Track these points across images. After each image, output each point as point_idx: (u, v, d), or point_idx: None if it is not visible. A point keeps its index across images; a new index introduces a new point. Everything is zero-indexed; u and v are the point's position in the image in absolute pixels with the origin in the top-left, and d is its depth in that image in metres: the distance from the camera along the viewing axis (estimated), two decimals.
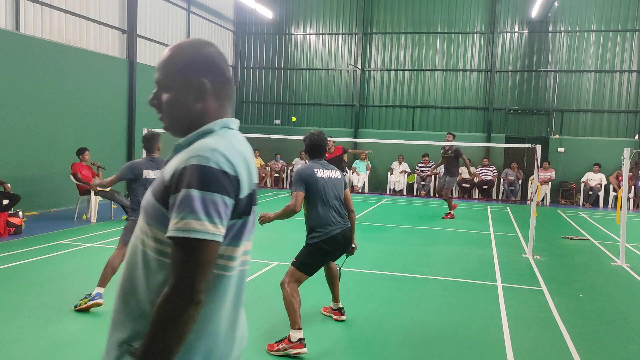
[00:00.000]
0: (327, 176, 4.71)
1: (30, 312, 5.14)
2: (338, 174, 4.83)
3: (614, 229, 10.91)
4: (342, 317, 5.19)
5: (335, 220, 4.61)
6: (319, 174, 4.65)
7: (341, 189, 4.79)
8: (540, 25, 17.75)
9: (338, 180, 4.77)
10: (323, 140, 4.81)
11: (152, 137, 5.67)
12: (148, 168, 5.48)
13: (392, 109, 19.14)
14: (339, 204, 4.71)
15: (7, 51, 10.43)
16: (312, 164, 4.74)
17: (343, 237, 4.65)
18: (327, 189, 4.63)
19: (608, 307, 6.07)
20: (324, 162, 4.81)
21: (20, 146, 10.81)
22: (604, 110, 17.41)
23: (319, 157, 4.81)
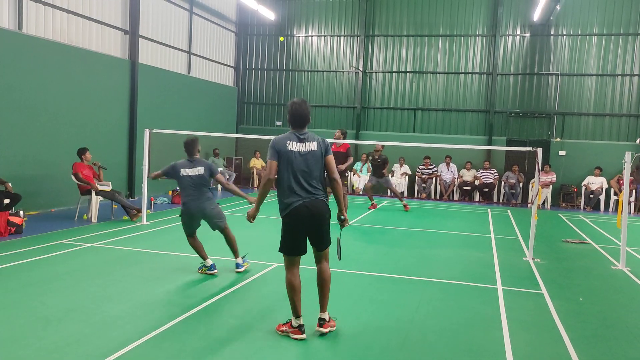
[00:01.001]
0: (299, 149, 4.58)
1: (31, 311, 5.15)
2: (314, 145, 4.63)
3: (615, 232, 10.89)
4: (323, 329, 4.74)
5: (298, 193, 4.51)
6: (290, 146, 4.57)
7: (315, 161, 4.59)
8: (542, 28, 17.76)
9: (312, 154, 4.60)
10: (305, 109, 4.69)
11: (192, 142, 6.92)
12: (186, 167, 6.71)
13: (394, 111, 19.15)
14: (309, 178, 4.55)
15: (10, 51, 10.46)
16: (289, 134, 4.68)
17: (307, 209, 4.50)
18: (294, 162, 4.52)
19: (608, 311, 6.06)
20: (303, 133, 4.67)
21: (21, 146, 10.82)
22: (605, 113, 17.41)
23: (299, 127, 4.68)
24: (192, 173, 6.65)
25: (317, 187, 4.60)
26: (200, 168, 6.69)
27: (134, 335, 4.62)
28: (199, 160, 6.81)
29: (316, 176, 4.61)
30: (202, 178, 6.66)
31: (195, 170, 6.67)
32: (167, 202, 13.55)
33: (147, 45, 14.99)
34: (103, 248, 8.12)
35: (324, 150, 4.68)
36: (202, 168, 6.70)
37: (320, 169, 4.65)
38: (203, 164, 6.76)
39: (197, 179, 6.64)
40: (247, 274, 6.88)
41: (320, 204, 4.58)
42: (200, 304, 5.54)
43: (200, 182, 6.65)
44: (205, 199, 6.67)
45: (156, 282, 6.38)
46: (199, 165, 6.72)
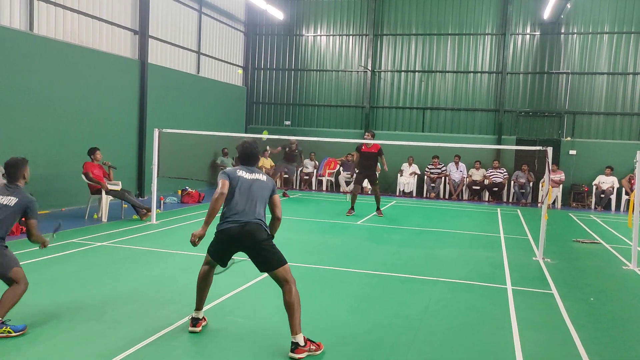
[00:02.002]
0: (249, 177, 4.77)
1: (42, 310, 5.19)
2: (264, 177, 4.85)
3: (626, 232, 10.80)
4: (294, 355, 4.30)
5: (236, 215, 4.59)
6: (240, 173, 4.77)
7: (262, 192, 4.74)
8: (553, 26, 17.63)
9: (259, 183, 4.77)
10: (255, 149, 4.95)
11: (16, 164, 5.04)
12: None
13: (402, 111, 19.10)
14: (253, 205, 4.65)
15: (21, 51, 10.55)
16: (239, 166, 4.89)
17: (241, 231, 4.57)
18: (242, 188, 4.68)
19: (619, 311, 6.01)
20: (251, 168, 4.90)
21: (32, 145, 10.91)
22: (616, 112, 17.26)
23: (248, 164, 4.91)
24: None
25: (258, 214, 4.68)
26: (13, 198, 4.81)
27: (144, 333, 4.64)
28: (19, 189, 4.92)
29: (260, 205, 4.71)
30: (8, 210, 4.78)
31: (6, 199, 4.81)
32: (177, 202, 13.60)
33: (157, 46, 15.06)
34: (113, 247, 8.17)
35: (272, 188, 4.85)
36: (14, 199, 4.81)
37: (264, 198, 4.76)
38: (19, 195, 4.85)
39: None
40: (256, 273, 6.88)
41: (254, 226, 4.59)
42: (209, 302, 5.55)
43: None
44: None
45: (165, 281, 6.41)
46: (13, 195, 4.85)
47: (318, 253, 8.25)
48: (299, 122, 20.09)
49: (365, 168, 12.45)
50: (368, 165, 12.43)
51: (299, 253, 8.09)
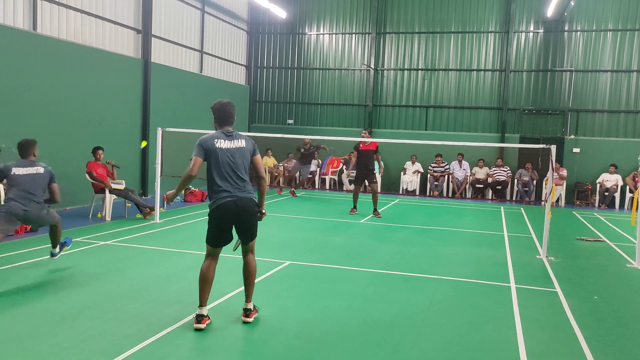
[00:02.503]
0: (228, 147, 4.82)
1: (46, 308, 5.21)
2: (242, 143, 4.90)
3: (630, 230, 10.78)
4: (248, 319, 4.97)
5: (226, 189, 4.71)
6: (218, 144, 4.80)
7: (242, 158, 4.83)
8: (556, 24, 17.58)
9: (240, 150, 4.84)
10: (229, 108, 5.01)
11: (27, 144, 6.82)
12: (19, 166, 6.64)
13: (405, 109, 19.08)
14: (237, 174, 4.77)
15: (24, 51, 10.57)
16: (217, 133, 4.92)
17: (236, 205, 4.71)
18: (223, 159, 4.74)
19: (623, 309, 6.00)
20: (229, 132, 4.92)
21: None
22: (620, 110, 17.20)
23: (225, 125, 4.96)
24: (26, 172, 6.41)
25: (243, 182, 4.81)
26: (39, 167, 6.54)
27: (148, 332, 4.66)
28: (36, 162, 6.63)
29: (242, 172, 4.83)
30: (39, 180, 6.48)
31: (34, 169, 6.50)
32: (180, 201, 13.62)
33: (160, 45, 15.07)
34: (117, 246, 8.19)
35: (252, 150, 4.95)
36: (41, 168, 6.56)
37: (246, 165, 4.88)
38: (41, 165, 6.62)
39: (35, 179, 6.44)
40: (260, 271, 6.89)
41: (247, 200, 4.78)
42: (213, 301, 5.56)
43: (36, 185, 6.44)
44: None
45: (169, 279, 6.43)
46: (37, 165, 6.59)
47: (321, 251, 8.24)
48: (302, 121, 20.09)
49: (364, 166, 12.40)
50: (366, 163, 12.38)
51: (302, 251, 8.10)
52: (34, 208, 6.27)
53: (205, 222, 4.86)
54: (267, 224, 10.37)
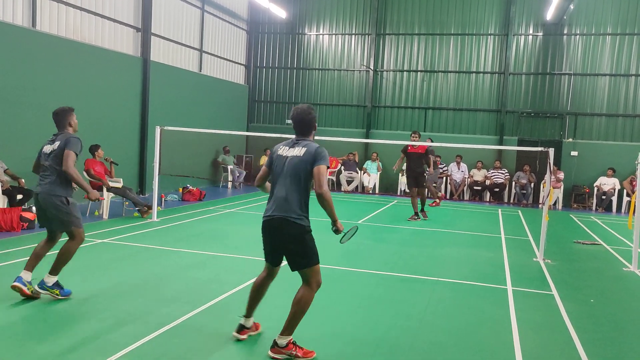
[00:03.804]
0: (286, 154, 4.27)
1: (42, 307, 5.19)
2: (303, 150, 4.21)
3: (627, 234, 10.80)
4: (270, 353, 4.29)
5: (270, 205, 4.26)
6: (280, 150, 4.34)
7: (296, 170, 4.17)
8: (555, 27, 17.61)
9: (295, 159, 4.19)
10: (307, 114, 4.38)
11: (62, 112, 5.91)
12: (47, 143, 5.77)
13: (404, 110, 19.09)
14: (282, 191, 4.17)
15: (24, 48, 10.55)
16: (286, 141, 4.44)
17: (272, 226, 4.21)
18: (278, 167, 4.27)
19: (620, 312, 6.01)
20: (299, 140, 4.33)
21: (34, 142, 10.88)
22: (618, 114, 17.24)
23: (299, 134, 4.39)
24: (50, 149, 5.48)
25: (291, 200, 4.16)
26: (57, 143, 5.49)
27: (145, 331, 4.65)
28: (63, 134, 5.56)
29: (289, 188, 4.17)
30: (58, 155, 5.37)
31: (51, 146, 5.50)
32: (178, 199, 13.61)
33: (159, 43, 15.06)
34: (114, 244, 8.17)
35: (311, 159, 4.16)
36: (57, 142, 5.46)
37: (300, 178, 4.17)
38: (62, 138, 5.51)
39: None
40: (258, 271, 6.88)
41: (285, 223, 4.14)
42: (210, 300, 5.56)
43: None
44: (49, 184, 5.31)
45: (166, 278, 6.42)
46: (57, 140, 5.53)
47: (318, 252, 8.23)
48: None
49: (413, 170, 12.24)
50: (415, 166, 12.21)
51: None
52: (43, 190, 5.28)
53: (203, 221, 4.84)
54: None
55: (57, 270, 5.18)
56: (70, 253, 5.26)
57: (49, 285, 5.12)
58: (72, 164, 5.20)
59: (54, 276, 5.16)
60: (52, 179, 5.29)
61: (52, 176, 5.30)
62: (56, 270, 5.16)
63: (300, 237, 4.20)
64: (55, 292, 5.15)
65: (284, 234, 4.17)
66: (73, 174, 5.20)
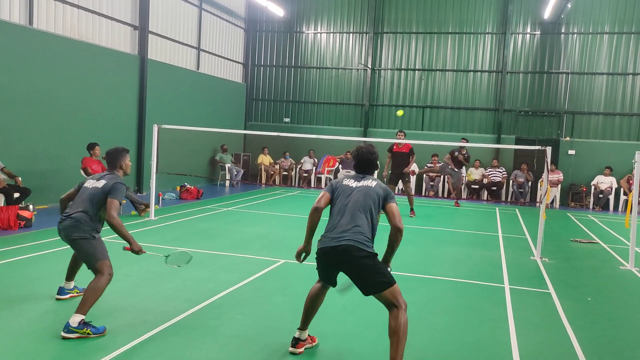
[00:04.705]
0: (353, 185, 4.23)
1: (40, 304, 5.19)
2: (372, 184, 4.22)
3: (624, 232, 10.82)
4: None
5: (331, 233, 4.08)
6: (346, 181, 4.31)
7: (365, 200, 4.14)
8: (553, 26, 17.63)
9: (365, 190, 4.17)
10: (371, 155, 4.38)
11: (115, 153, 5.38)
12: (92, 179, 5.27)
13: (402, 109, 19.08)
14: (350, 218, 4.08)
15: (20, 46, 10.52)
16: (350, 175, 4.40)
17: (333, 250, 4.02)
18: (342, 197, 4.18)
19: (617, 311, 6.03)
20: (363, 176, 4.33)
21: (31, 140, 10.90)
22: (615, 113, 17.27)
23: (362, 172, 4.38)
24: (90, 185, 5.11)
25: (362, 226, 4.09)
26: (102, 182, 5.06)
27: (142, 329, 4.65)
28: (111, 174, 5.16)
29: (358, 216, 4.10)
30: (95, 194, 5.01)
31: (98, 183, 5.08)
32: (175, 198, 13.60)
33: (157, 41, 15.03)
34: (111, 243, 8.13)
35: (383, 193, 4.18)
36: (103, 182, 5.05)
37: (367, 207, 4.13)
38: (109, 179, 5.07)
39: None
40: (255, 270, 6.89)
41: (346, 246, 4.00)
42: (208, 299, 5.56)
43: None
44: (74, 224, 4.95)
45: (164, 277, 6.41)
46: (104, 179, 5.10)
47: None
48: (299, 119, 20.09)
49: (398, 168, 12.43)
50: (400, 165, 12.39)
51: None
52: (67, 223, 4.95)
53: (201, 220, 4.82)
54: (263, 223, 10.36)
55: (86, 309, 4.56)
56: (102, 290, 4.71)
57: (76, 326, 4.44)
58: (115, 213, 4.85)
59: (80, 315, 4.51)
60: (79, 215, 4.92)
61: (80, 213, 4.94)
62: (85, 310, 4.55)
63: (372, 259, 4.09)
64: (87, 332, 4.45)
65: (351, 257, 3.99)
66: (116, 224, 4.83)
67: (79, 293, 5.47)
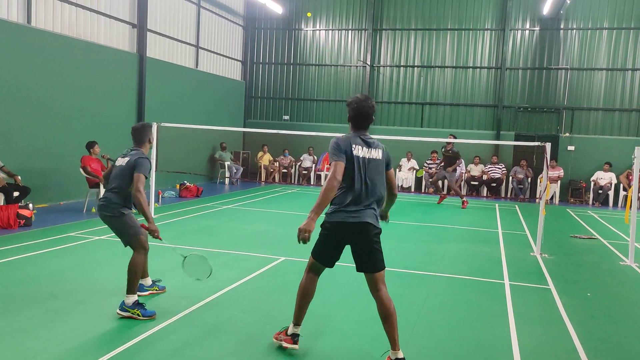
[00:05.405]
0: (367, 156, 4.02)
1: (40, 303, 5.19)
2: (379, 154, 4.08)
3: (624, 228, 10.83)
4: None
5: (351, 208, 3.96)
6: (356, 150, 4.00)
7: (377, 172, 4.05)
8: (552, 22, 17.62)
9: (375, 163, 4.04)
10: (371, 108, 4.14)
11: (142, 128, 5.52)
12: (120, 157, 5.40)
13: (401, 106, 19.10)
14: (371, 192, 3.99)
15: (19, 44, 10.51)
16: (352, 136, 4.10)
17: (357, 225, 3.96)
18: (360, 169, 3.96)
19: (616, 306, 6.03)
20: (367, 137, 4.13)
21: (30, 139, 10.89)
22: (615, 108, 17.27)
23: (363, 128, 4.17)
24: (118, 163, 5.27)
25: (373, 203, 4.03)
26: (127, 158, 5.20)
27: (142, 327, 4.65)
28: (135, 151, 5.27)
29: (378, 190, 4.04)
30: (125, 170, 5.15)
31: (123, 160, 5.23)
32: (175, 196, 13.60)
33: (155, 39, 15.01)
34: (111, 241, 8.16)
35: (386, 162, 4.15)
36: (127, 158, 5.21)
37: (381, 181, 4.08)
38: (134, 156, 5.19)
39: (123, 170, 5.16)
40: (255, 267, 6.89)
41: (370, 227, 3.98)
42: (208, 296, 5.57)
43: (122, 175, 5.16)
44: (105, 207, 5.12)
45: (163, 274, 6.41)
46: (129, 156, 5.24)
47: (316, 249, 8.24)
48: (298, 117, 20.08)
49: None
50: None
51: (297, 247, 8.08)
52: (100, 203, 5.14)
53: (201, 217, 4.82)
54: (262, 220, 10.36)
55: (133, 288, 4.90)
56: (139, 266, 4.99)
57: (129, 305, 4.82)
58: (142, 187, 4.96)
59: (132, 295, 4.88)
60: (111, 194, 5.11)
61: (110, 192, 5.13)
62: (132, 289, 4.89)
63: (379, 236, 4.11)
64: (137, 313, 4.81)
65: (370, 232, 3.99)
66: (142, 199, 4.93)
67: (158, 291, 5.56)
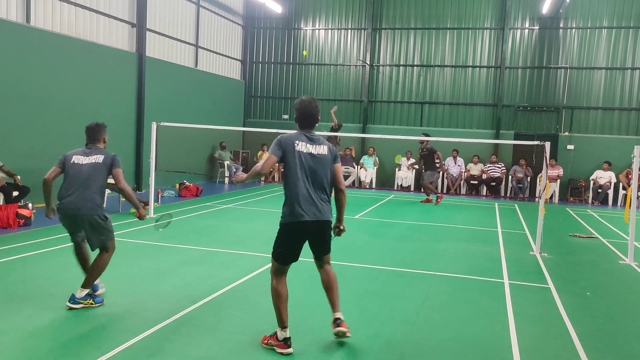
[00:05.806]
0: (309, 151, 4.28)
1: (39, 303, 5.19)
2: (325, 149, 4.36)
3: (623, 227, 10.84)
4: (342, 328, 4.40)
5: (305, 206, 4.18)
6: (298, 146, 4.25)
7: (326, 168, 4.32)
8: (551, 21, 17.61)
9: (323, 158, 4.31)
10: (314, 108, 4.46)
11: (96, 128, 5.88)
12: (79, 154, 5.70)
13: (401, 105, 19.09)
14: (322, 188, 4.29)
15: (18, 44, 10.50)
16: (297, 134, 4.37)
17: (314, 226, 4.24)
18: (305, 166, 4.22)
19: (616, 305, 6.04)
20: (312, 135, 4.39)
21: (29, 138, 10.88)
22: (614, 107, 17.27)
23: (308, 127, 4.43)
24: (85, 161, 5.37)
25: (325, 198, 4.33)
26: (99, 156, 5.36)
27: (143, 326, 4.65)
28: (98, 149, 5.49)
29: (325, 183, 4.32)
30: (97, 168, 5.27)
31: (93, 158, 5.37)
32: (174, 195, 13.59)
33: (155, 39, 15.00)
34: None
35: (333, 157, 4.42)
36: (100, 157, 5.35)
37: (324, 174, 4.33)
38: (103, 153, 5.40)
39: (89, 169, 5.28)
40: (254, 266, 6.89)
41: (326, 222, 4.33)
42: (208, 296, 5.57)
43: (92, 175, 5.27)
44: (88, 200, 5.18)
45: (164, 274, 6.42)
46: (95, 154, 5.41)
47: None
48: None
49: None
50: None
51: None
52: (87, 207, 5.16)
53: (200, 217, 4.82)
54: (262, 219, 10.36)
55: (90, 284, 5.13)
56: (105, 265, 5.25)
57: (82, 297, 5.04)
58: (124, 181, 5.31)
59: (86, 289, 5.09)
60: (88, 194, 5.18)
61: (88, 191, 5.19)
62: (89, 284, 5.11)
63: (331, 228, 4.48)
64: (90, 302, 5.07)
65: (327, 228, 4.39)
66: (129, 191, 5.28)
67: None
